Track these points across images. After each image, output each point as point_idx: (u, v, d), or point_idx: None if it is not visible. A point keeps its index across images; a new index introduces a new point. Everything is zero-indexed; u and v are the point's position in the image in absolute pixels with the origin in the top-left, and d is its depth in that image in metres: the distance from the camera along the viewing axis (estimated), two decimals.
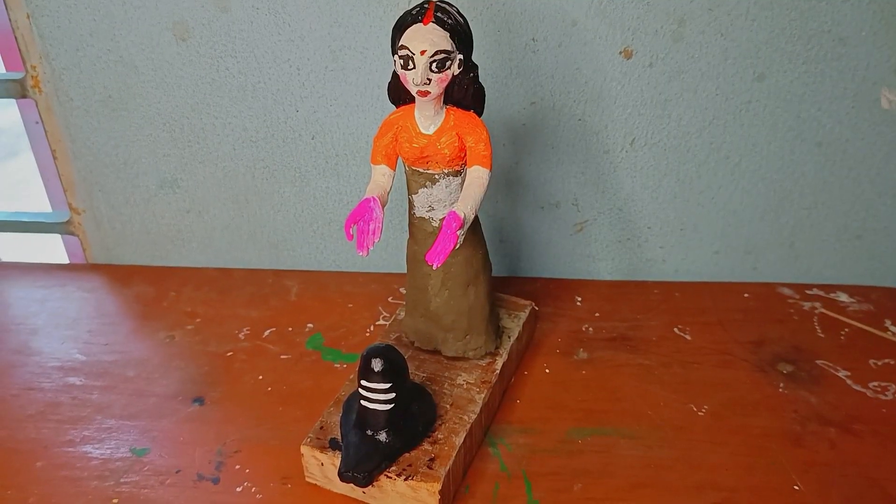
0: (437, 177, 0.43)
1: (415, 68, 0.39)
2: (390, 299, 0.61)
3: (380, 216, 0.41)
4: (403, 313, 0.53)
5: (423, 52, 0.39)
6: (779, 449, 0.47)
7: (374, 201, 0.41)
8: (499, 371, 0.49)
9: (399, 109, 0.43)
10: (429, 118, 0.42)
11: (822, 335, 0.57)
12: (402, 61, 0.39)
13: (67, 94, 0.59)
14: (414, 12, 0.40)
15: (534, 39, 0.53)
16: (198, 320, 0.60)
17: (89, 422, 0.51)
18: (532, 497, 0.44)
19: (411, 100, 0.42)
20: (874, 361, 0.54)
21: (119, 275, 0.66)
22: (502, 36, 0.53)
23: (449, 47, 0.39)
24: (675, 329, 0.57)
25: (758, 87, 0.54)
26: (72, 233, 0.67)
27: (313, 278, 0.64)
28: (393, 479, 0.42)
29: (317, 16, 0.54)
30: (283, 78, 0.56)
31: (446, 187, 0.44)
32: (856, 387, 0.52)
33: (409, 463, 0.42)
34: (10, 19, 0.56)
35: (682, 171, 0.58)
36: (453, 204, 0.41)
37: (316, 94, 0.57)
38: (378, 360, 0.42)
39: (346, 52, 0.55)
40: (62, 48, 0.57)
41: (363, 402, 0.42)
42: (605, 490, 0.44)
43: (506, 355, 0.50)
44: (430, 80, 0.40)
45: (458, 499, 0.44)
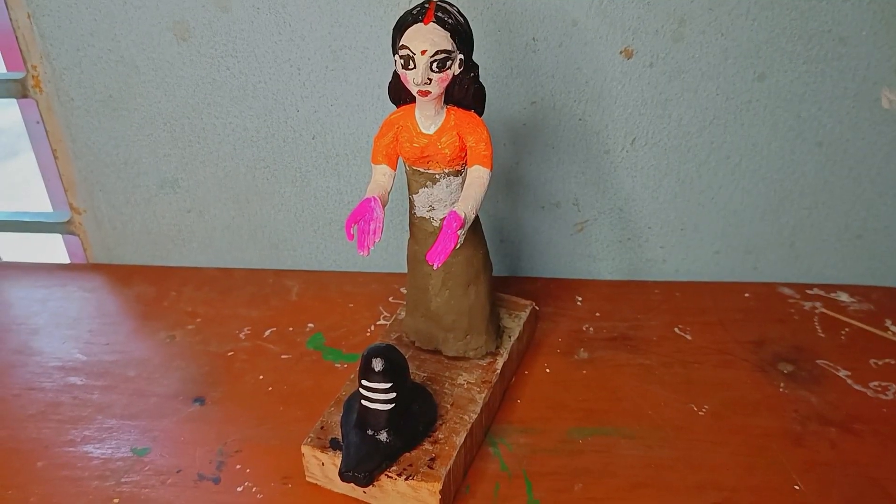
0: (437, 176, 0.44)
1: (415, 68, 0.39)
2: (391, 299, 0.61)
3: (380, 216, 0.41)
4: (404, 313, 0.53)
5: (423, 52, 0.39)
6: (779, 449, 0.47)
7: (374, 201, 0.41)
8: (499, 371, 0.49)
9: (400, 109, 0.43)
10: (429, 118, 0.42)
11: (823, 335, 0.57)
12: (402, 61, 0.39)
13: (68, 93, 0.59)
14: (415, 12, 0.40)
15: (534, 39, 0.53)
16: (198, 320, 0.60)
17: (90, 422, 0.51)
18: (532, 497, 0.44)
19: (412, 99, 0.42)
20: (875, 361, 0.54)
21: (120, 275, 0.66)
22: (503, 36, 0.53)
23: (449, 47, 0.39)
24: (676, 329, 0.57)
25: (758, 86, 0.54)
26: (72, 233, 0.67)
27: (314, 278, 0.64)
28: (393, 478, 0.42)
29: (317, 16, 0.54)
30: (283, 78, 0.56)
31: (447, 187, 0.44)
32: (856, 386, 0.52)
33: (410, 463, 0.42)
34: (10, 19, 0.57)
35: (682, 170, 0.58)
36: (454, 204, 0.41)
37: (316, 93, 0.57)
38: (379, 359, 0.42)
39: (346, 51, 0.55)
40: (63, 48, 0.57)
41: (364, 402, 0.42)
42: (606, 490, 0.44)
43: (506, 355, 0.50)
44: (431, 80, 0.40)
45: (458, 498, 0.44)
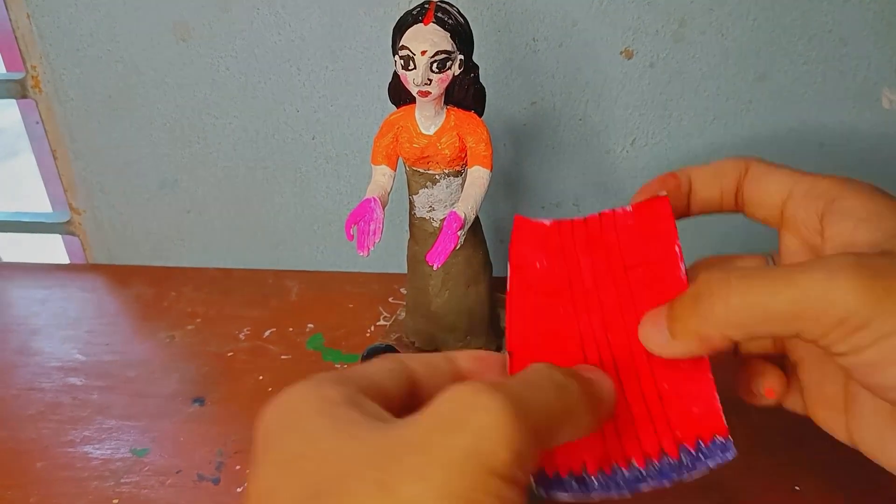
0: (437, 177, 0.43)
1: (415, 68, 0.39)
2: (391, 299, 0.61)
3: (380, 216, 0.41)
4: (404, 313, 0.53)
5: (423, 53, 0.39)
6: (779, 449, 0.47)
7: (374, 201, 0.41)
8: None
9: (400, 110, 0.43)
10: (429, 118, 0.42)
11: None
12: (402, 61, 0.39)
13: (68, 94, 0.59)
14: (415, 12, 0.40)
15: (534, 39, 0.53)
16: (198, 320, 0.60)
17: (90, 422, 0.51)
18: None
19: (412, 100, 0.42)
20: None
21: (119, 275, 0.66)
22: (503, 36, 0.53)
23: (449, 47, 0.39)
24: None
25: (759, 87, 0.54)
26: (72, 233, 0.67)
27: (314, 278, 0.64)
28: None
29: (317, 16, 0.54)
30: (283, 78, 0.56)
31: (447, 187, 0.44)
32: None
33: None
34: (10, 19, 0.56)
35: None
36: (454, 204, 0.41)
37: (316, 94, 0.57)
38: None
39: (346, 52, 0.55)
40: (62, 48, 0.57)
41: None
42: None
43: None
44: (431, 81, 0.39)
45: None
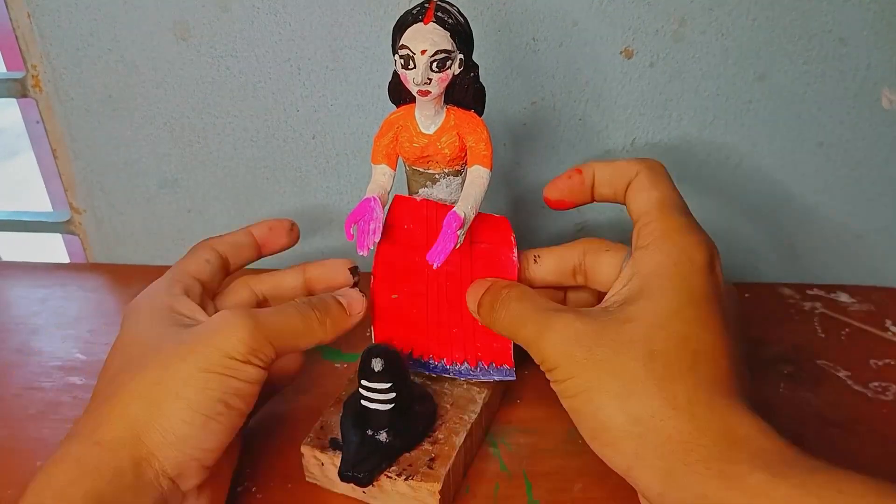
0: (437, 176, 0.43)
1: (415, 68, 0.39)
2: None
3: (380, 216, 0.41)
4: None
5: (423, 52, 0.39)
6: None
7: (374, 201, 0.41)
8: None
9: (399, 109, 0.43)
10: (429, 118, 0.42)
11: (823, 335, 0.57)
12: (402, 61, 0.39)
13: (68, 93, 0.59)
14: (414, 12, 0.40)
15: (534, 39, 0.53)
16: None
17: None
18: (532, 497, 0.44)
19: (412, 99, 0.42)
20: (875, 362, 0.54)
21: (120, 274, 0.66)
22: (503, 36, 0.53)
23: (449, 47, 0.39)
24: None
25: (759, 86, 0.54)
26: (72, 232, 0.67)
27: None
28: (393, 478, 0.42)
29: (317, 15, 0.54)
30: (283, 77, 0.56)
31: (447, 187, 0.44)
32: (856, 387, 0.52)
33: (410, 463, 0.42)
34: (10, 18, 0.56)
35: (682, 171, 0.58)
36: (454, 203, 0.41)
37: (316, 93, 0.57)
38: (378, 359, 0.42)
39: (346, 51, 0.55)
40: (63, 48, 0.57)
41: (363, 402, 0.42)
42: (606, 490, 0.44)
43: None
44: (431, 80, 0.39)
45: (458, 499, 0.44)
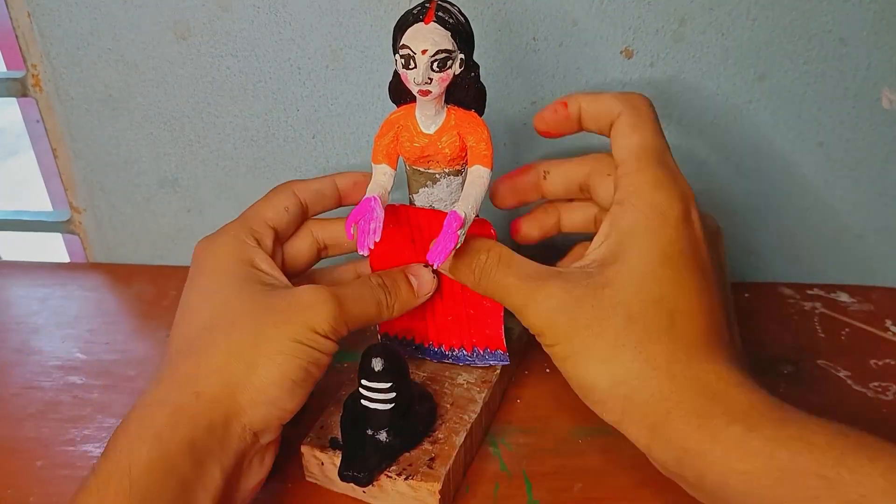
0: (437, 176, 0.43)
1: (416, 68, 0.39)
2: None
3: (380, 215, 0.41)
4: None
5: (424, 52, 0.39)
6: None
7: (374, 200, 0.41)
8: (499, 371, 0.49)
9: (400, 109, 0.43)
10: (430, 118, 0.42)
11: (823, 335, 0.57)
12: (403, 60, 0.39)
13: (68, 92, 0.59)
14: (415, 12, 0.40)
15: (534, 39, 0.53)
16: None
17: (90, 421, 0.51)
18: (532, 497, 0.44)
19: (412, 99, 0.42)
20: (875, 361, 0.54)
21: (120, 274, 0.66)
22: (503, 35, 0.53)
23: (450, 47, 0.39)
24: None
25: (758, 86, 0.54)
26: (72, 232, 0.67)
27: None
28: (393, 478, 0.42)
29: (318, 15, 0.54)
30: (283, 77, 0.56)
31: (447, 187, 0.44)
32: (856, 387, 0.52)
33: (410, 462, 0.42)
34: (10, 18, 0.56)
35: (682, 170, 0.58)
36: (454, 203, 0.41)
37: (317, 93, 0.57)
38: (378, 359, 0.42)
39: (347, 51, 0.55)
40: (63, 47, 0.57)
41: (363, 402, 0.42)
42: (606, 490, 0.44)
43: None
44: (432, 80, 0.39)
45: (458, 498, 0.44)
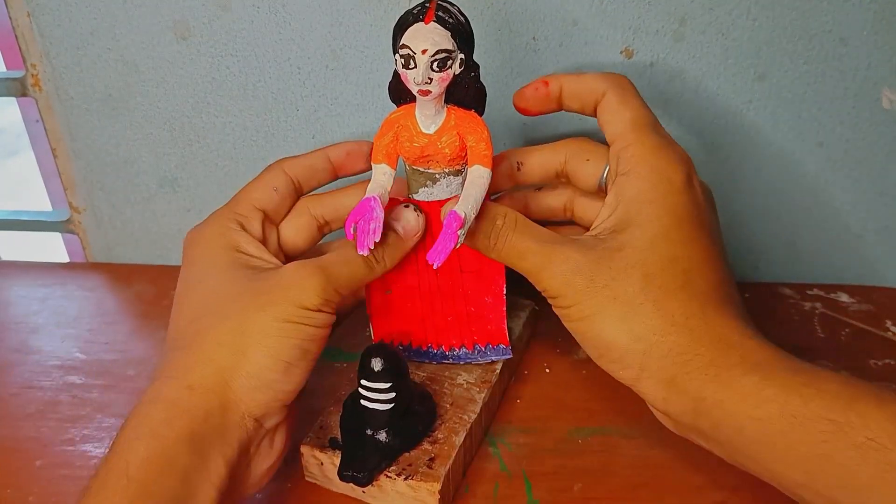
0: (437, 176, 0.43)
1: (416, 67, 0.39)
2: None
3: (380, 215, 0.41)
4: None
5: (424, 52, 0.39)
6: None
7: (374, 200, 0.41)
8: (499, 371, 0.49)
9: (400, 109, 0.43)
10: (430, 117, 0.42)
11: (823, 335, 0.57)
12: (403, 60, 0.39)
13: (68, 92, 0.59)
14: (415, 11, 0.40)
15: (534, 39, 0.53)
16: None
17: (89, 421, 0.51)
18: (532, 497, 0.44)
19: (412, 99, 0.42)
20: (874, 361, 0.54)
21: (119, 273, 0.66)
22: (503, 35, 0.53)
23: (450, 47, 0.39)
24: None
25: (758, 86, 0.54)
26: (72, 231, 0.67)
27: None
28: (393, 478, 0.42)
29: (317, 15, 0.54)
30: (283, 77, 0.56)
31: (447, 186, 0.44)
32: None
33: (409, 462, 0.42)
34: (10, 18, 0.56)
35: None
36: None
37: (316, 93, 0.57)
38: (378, 359, 0.42)
39: (346, 51, 0.55)
40: (63, 47, 0.57)
41: (363, 402, 0.42)
42: (606, 490, 0.44)
43: None
44: (432, 80, 0.39)
45: (457, 498, 0.44)
